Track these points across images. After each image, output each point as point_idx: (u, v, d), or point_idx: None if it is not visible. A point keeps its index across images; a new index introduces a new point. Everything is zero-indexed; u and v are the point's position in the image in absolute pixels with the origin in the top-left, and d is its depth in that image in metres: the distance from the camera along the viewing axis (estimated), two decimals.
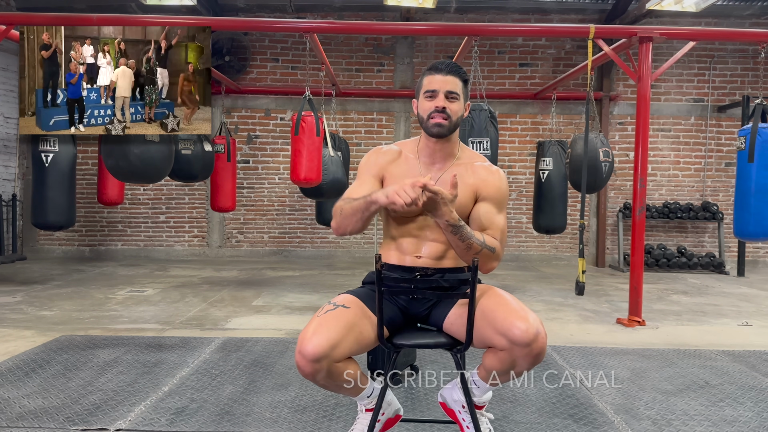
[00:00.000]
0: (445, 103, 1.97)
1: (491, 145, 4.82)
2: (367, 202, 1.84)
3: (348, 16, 8.14)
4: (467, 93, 2.06)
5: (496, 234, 1.98)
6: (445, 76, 1.98)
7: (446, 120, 1.97)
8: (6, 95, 7.63)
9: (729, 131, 8.19)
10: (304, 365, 1.76)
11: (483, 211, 2.00)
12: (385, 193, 1.77)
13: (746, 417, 2.68)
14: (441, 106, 1.96)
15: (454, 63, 2.02)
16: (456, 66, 2.01)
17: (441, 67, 2.00)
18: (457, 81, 1.99)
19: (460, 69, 2.02)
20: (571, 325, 4.50)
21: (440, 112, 1.97)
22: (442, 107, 1.97)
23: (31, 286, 5.82)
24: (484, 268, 1.93)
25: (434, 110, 1.97)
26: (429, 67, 2.04)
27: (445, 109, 1.97)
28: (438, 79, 1.99)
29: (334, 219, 1.98)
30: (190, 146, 5.85)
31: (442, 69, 2.00)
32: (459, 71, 2.00)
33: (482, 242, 1.90)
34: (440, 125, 1.98)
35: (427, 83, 2.01)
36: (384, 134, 8.22)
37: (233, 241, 8.33)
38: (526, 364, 1.80)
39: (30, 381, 2.98)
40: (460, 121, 2.03)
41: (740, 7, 7.77)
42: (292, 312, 4.81)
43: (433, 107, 1.97)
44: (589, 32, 4.85)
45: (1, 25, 4.88)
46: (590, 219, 8.30)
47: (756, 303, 5.65)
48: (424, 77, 2.04)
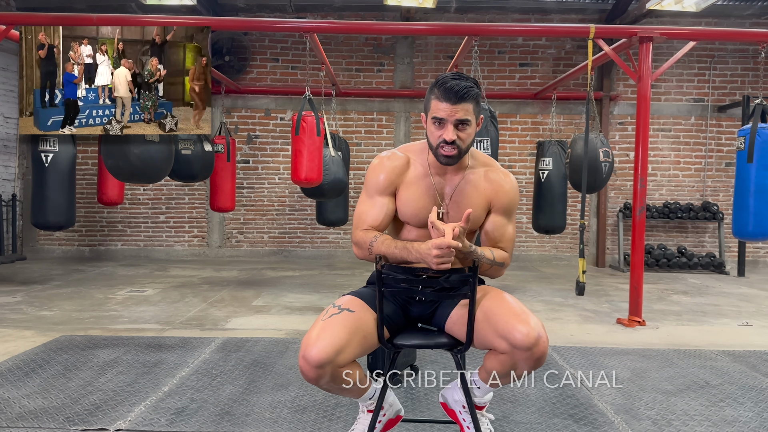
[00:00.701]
0: (454, 135, 1.84)
1: (491, 145, 4.82)
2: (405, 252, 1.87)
3: (348, 16, 8.13)
4: (480, 109, 1.91)
5: (507, 246, 2.03)
6: (456, 105, 1.82)
7: (456, 150, 1.87)
8: (6, 95, 7.63)
9: (729, 131, 8.19)
10: (308, 371, 1.74)
11: (495, 225, 2.03)
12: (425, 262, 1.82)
13: (746, 417, 2.68)
14: (451, 138, 1.84)
15: (464, 86, 1.82)
16: (467, 90, 1.81)
17: (450, 94, 1.81)
18: (468, 107, 1.84)
19: (472, 90, 1.83)
20: (571, 325, 4.50)
21: (450, 144, 1.86)
22: (451, 140, 1.85)
23: (31, 286, 5.82)
24: (493, 276, 2.03)
25: (443, 141, 1.86)
26: (439, 86, 1.85)
27: (455, 141, 1.86)
28: (448, 108, 1.82)
29: (359, 250, 1.98)
30: (190, 146, 5.85)
31: (451, 96, 1.81)
32: (470, 94, 1.83)
33: (492, 260, 1.95)
34: (450, 157, 1.88)
35: (435, 108, 1.86)
36: (384, 134, 8.22)
37: (233, 241, 8.33)
38: (526, 367, 1.79)
39: (30, 381, 2.98)
40: (472, 142, 1.94)
41: (740, 7, 7.77)
42: (292, 312, 4.80)
43: (442, 139, 1.85)
44: (590, 32, 4.85)
45: (1, 25, 4.88)
46: (590, 219, 8.30)
47: (756, 303, 5.65)
48: (432, 96, 1.87)
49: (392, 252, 1.89)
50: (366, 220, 1.99)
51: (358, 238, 1.97)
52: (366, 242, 1.94)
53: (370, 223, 1.98)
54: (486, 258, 1.92)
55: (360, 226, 2.00)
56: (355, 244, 1.98)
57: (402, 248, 1.87)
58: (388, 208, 2.00)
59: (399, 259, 1.90)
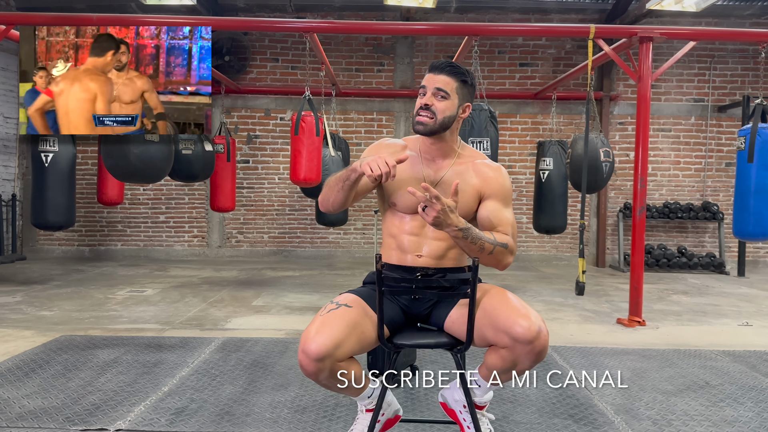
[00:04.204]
0: (431, 100, 1.95)
1: (491, 145, 4.82)
2: (348, 171, 1.89)
3: (348, 15, 8.13)
4: (465, 94, 2.01)
5: (506, 229, 1.97)
6: (437, 75, 1.96)
7: (431, 119, 1.95)
8: (6, 95, 7.63)
9: (729, 131, 8.19)
10: (308, 364, 1.75)
11: (490, 209, 1.99)
12: (360, 162, 1.82)
13: (746, 417, 2.68)
14: (425, 103, 1.95)
15: (452, 63, 1.99)
16: (453, 66, 1.98)
17: (436, 65, 1.99)
18: (449, 80, 1.96)
19: (458, 69, 1.98)
20: (571, 326, 4.50)
21: (425, 109, 1.95)
22: (425, 104, 1.95)
23: (31, 286, 5.82)
24: (500, 265, 1.93)
25: (420, 107, 1.97)
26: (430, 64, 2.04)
27: (429, 107, 1.95)
28: (430, 76, 1.98)
29: (321, 196, 2.03)
30: (190, 146, 5.84)
31: (436, 67, 1.98)
32: (454, 71, 1.97)
33: (494, 240, 1.88)
34: (423, 123, 1.96)
35: (423, 81, 2.01)
36: (384, 134, 8.22)
37: (233, 241, 8.33)
38: (528, 362, 1.80)
39: (30, 381, 2.98)
40: (449, 121, 1.98)
41: (740, 7, 7.77)
42: (292, 312, 4.80)
43: (420, 104, 1.97)
44: (590, 32, 4.85)
45: (1, 25, 4.88)
46: (590, 219, 8.30)
47: (756, 303, 5.65)
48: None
49: (340, 174, 1.93)
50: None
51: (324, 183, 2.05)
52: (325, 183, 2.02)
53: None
54: (486, 237, 1.86)
55: None
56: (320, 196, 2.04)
57: (348, 167, 1.91)
58: None
59: (344, 177, 1.90)
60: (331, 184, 1.97)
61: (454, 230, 1.79)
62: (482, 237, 1.85)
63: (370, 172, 1.76)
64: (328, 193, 1.98)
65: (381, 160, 1.76)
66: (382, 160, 1.76)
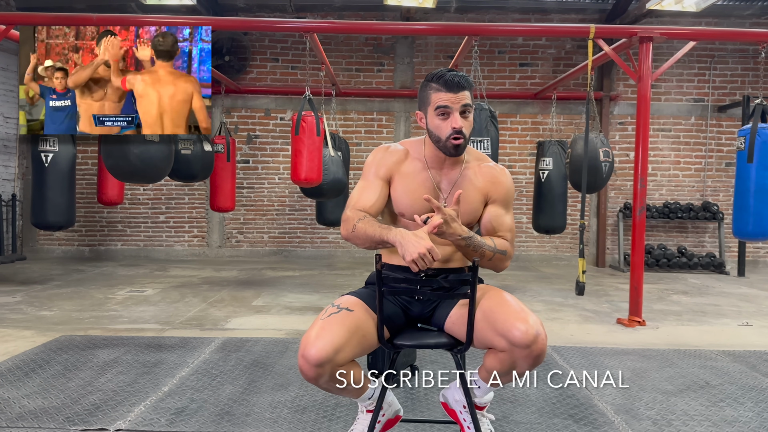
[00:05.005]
0: (461, 122, 1.91)
1: (491, 145, 4.82)
2: (383, 240, 1.84)
3: (348, 15, 8.13)
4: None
5: (506, 235, 2.03)
6: (459, 93, 1.90)
7: (463, 139, 1.94)
8: (6, 95, 7.63)
9: (729, 131, 8.19)
10: (308, 370, 1.75)
11: (493, 214, 2.04)
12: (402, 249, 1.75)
13: (746, 417, 2.68)
14: (459, 126, 1.90)
15: (461, 74, 1.93)
16: (464, 78, 1.92)
17: (452, 85, 1.90)
18: (468, 93, 1.92)
19: (468, 78, 1.94)
20: (571, 326, 4.50)
21: (458, 132, 1.91)
22: (460, 128, 1.91)
23: (31, 286, 5.82)
24: (498, 268, 2.00)
25: (453, 131, 1.91)
26: (437, 79, 1.93)
27: (462, 130, 1.92)
28: (451, 96, 1.90)
29: (344, 227, 1.97)
30: (189, 146, 5.84)
31: (453, 84, 1.89)
32: (468, 81, 1.93)
33: (494, 248, 1.94)
34: (459, 147, 1.94)
35: (436, 99, 1.92)
36: (384, 134, 8.22)
37: (233, 241, 8.33)
38: (526, 365, 1.80)
39: (30, 381, 2.98)
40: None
41: (740, 7, 7.77)
42: (292, 312, 4.80)
43: (451, 129, 1.91)
44: (590, 32, 4.85)
45: (1, 25, 4.88)
46: (590, 219, 8.30)
47: (756, 303, 5.65)
48: (430, 90, 1.95)
49: (374, 231, 1.87)
50: (359, 200, 2.02)
51: (347, 216, 1.99)
52: (353, 220, 1.95)
53: (363, 203, 2.00)
54: (487, 245, 1.91)
55: (352, 206, 2.01)
56: (343, 221, 1.99)
57: (385, 228, 1.86)
58: (382, 191, 2.03)
59: (378, 239, 1.86)
60: (359, 233, 1.90)
61: (457, 239, 1.85)
62: (483, 245, 1.90)
63: (416, 267, 1.73)
64: (355, 240, 1.93)
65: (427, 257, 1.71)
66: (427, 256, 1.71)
